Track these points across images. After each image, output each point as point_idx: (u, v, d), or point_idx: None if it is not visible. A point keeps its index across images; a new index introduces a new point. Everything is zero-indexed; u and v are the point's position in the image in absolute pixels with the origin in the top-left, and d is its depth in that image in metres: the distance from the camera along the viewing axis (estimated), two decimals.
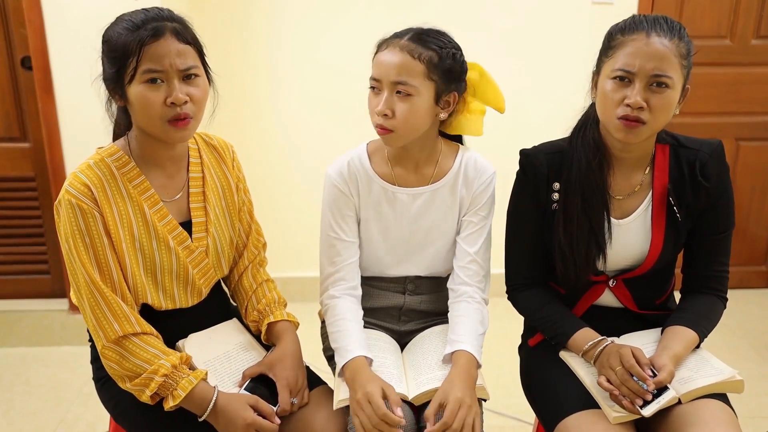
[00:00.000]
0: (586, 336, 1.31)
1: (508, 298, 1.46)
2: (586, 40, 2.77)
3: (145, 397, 1.21)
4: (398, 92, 1.28)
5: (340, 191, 1.39)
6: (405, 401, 1.27)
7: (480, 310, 1.38)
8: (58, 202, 1.20)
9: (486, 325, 1.39)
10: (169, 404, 1.21)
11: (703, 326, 1.31)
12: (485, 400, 1.34)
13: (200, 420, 1.23)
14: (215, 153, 1.41)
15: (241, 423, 1.21)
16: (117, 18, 1.22)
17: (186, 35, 1.21)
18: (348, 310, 1.38)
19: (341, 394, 1.28)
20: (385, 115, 1.28)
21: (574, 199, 1.31)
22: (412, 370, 1.35)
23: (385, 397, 1.21)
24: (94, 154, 1.26)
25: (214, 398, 1.22)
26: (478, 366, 1.31)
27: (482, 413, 1.33)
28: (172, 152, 1.31)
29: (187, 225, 1.33)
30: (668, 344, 1.26)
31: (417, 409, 1.29)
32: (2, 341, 2.64)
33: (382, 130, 1.31)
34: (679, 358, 1.24)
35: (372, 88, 1.32)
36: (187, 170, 1.35)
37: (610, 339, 1.30)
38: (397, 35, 1.32)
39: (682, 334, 1.28)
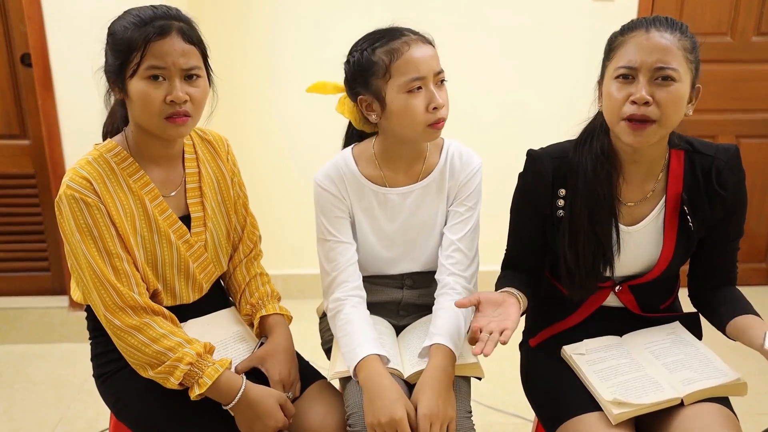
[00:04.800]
0: None
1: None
2: (586, 37, 2.77)
3: (171, 384, 1.20)
4: (441, 81, 1.31)
5: (331, 194, 1.39)
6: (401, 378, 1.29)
7: None
8: (59, 199, 1.20)
9: (468, 318, 1.37)
10: (195, 393, 1.20)
11: (752, 308, 1.29)
12: (480, 378, 1.36)
13: (225, 408, 1.22)
14: (210, 147, 1.41)
15: (272, 424, 1.22)
16: (125, 12, 1.23)
17: (192, 35, 1.22)
18: (355, 312, 1.35)
19: (338, 366, 1.29)
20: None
21: (580, 212, 1.28)
22: (407, 351, 1.37)
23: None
24: (92, 150, 1.26)
25: (243, 388, 1.22)
26: (455, 357, 1.29)
27: (470, 394, 1.34)
28: (170, 149, 1.31)
29: (185, 220, 1.33)
30: (752, 323, 1.22)
31: (410, 386, 1.30)
32: (3, 338, 2.65)
33: (440, 123, 1.30)
34: None
35: (417, 89, 1.27)
36: (183, 166, 1.35)
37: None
38: (402, 33, 1.30)
39: (754, 321, 1.24)
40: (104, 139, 1.33)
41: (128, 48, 1.17)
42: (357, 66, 1.32)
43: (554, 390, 1.31)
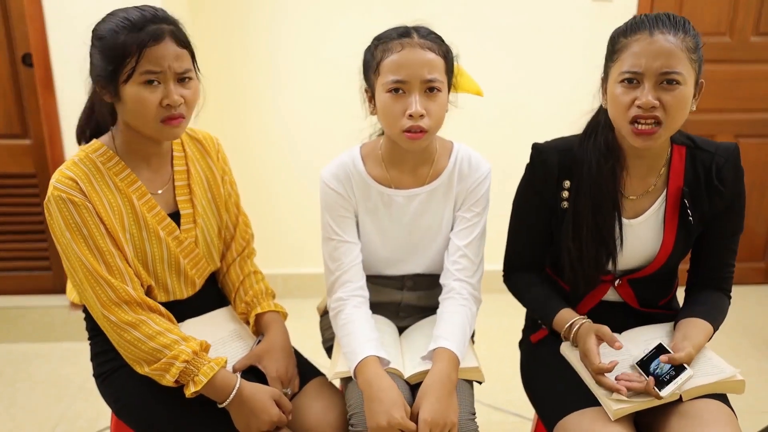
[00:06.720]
0: (564, 317, 1.31)
1: (504, 280, 1.46)
2: (586, 37, 2.78)
3: (166, 381, 1.21)
4: (429, 90, 1.25)
5: (337, 193, 1.38)
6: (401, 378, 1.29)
7: (467, 308, 1.36)
8: (47, 201, 1.21)
9: (472, 325, 1.38)
10: (191, 390, 1.21)
11: (716, 318, 1.30)
12: (480, 383, 1.36)
13: (220, 406, 1.23)
14: (200, 146, 1.42)
15: (266, 419, 1.22)
16: (109, 14, 1.22)
17: (182, 38, 1.23)
18: (357, 312, 1.35)
19: (339, 366, 1.29)
20: (421, 116, 1.24)
21: (584, 205, 1.29)
22: (409, 351, 1.37)
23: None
24: (78, 151, 1.27)
25: (237, 386, 1.23)
26: (459, 362, 1.29)
27: (473, 395, 1.34)
28: (159, 148, 1.32)
29: (174, 216, 1.34)
30: (687, 333, 1.25)
31: (411, 386, 1.31)
32: (4, 337, 2.66)
33: (416, 133, 1.25)
34: (699, 346, 1.23)
35: (394, 91, 1.25)
36: (171, 164, 1.36)
37: (582, 319, 1.30)
38: (403, 34, 1.28)
39: (699, 325, 1.27)
40: (80, 140, 1.32)
41: (122, 54, 1.16)
42: (364, 57, 1.34)
43: (553, 386, 1.31)
